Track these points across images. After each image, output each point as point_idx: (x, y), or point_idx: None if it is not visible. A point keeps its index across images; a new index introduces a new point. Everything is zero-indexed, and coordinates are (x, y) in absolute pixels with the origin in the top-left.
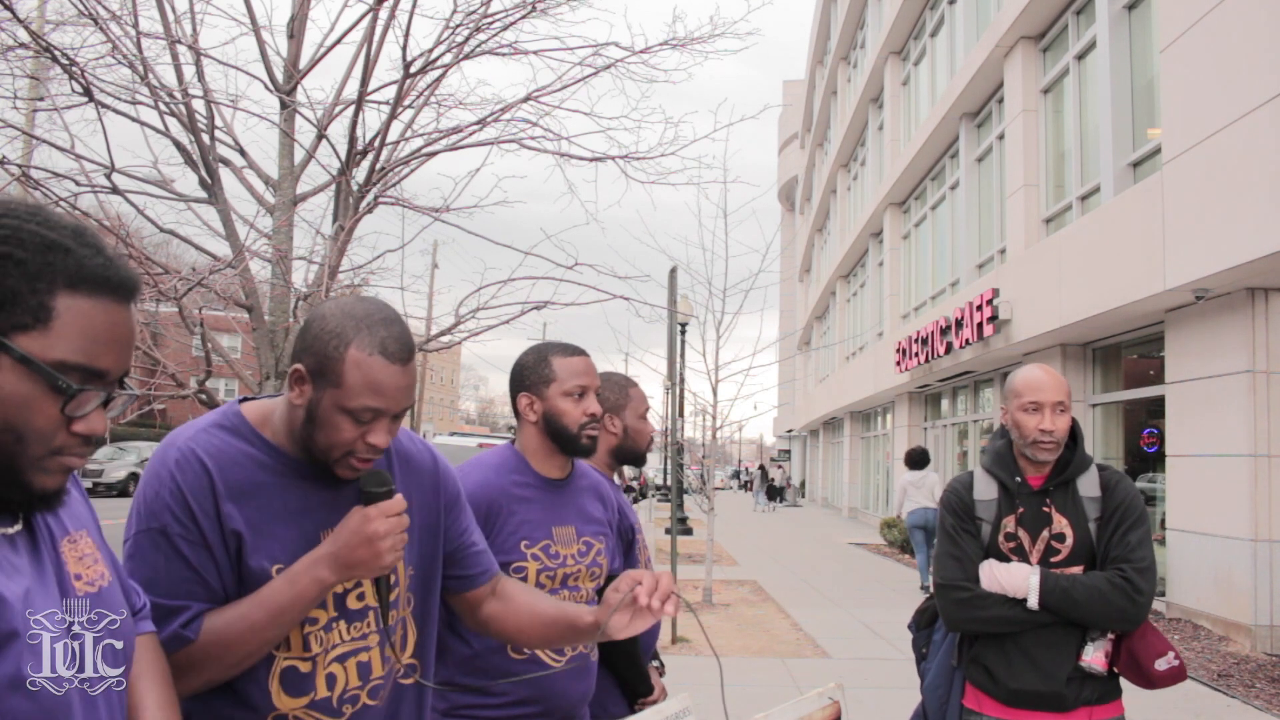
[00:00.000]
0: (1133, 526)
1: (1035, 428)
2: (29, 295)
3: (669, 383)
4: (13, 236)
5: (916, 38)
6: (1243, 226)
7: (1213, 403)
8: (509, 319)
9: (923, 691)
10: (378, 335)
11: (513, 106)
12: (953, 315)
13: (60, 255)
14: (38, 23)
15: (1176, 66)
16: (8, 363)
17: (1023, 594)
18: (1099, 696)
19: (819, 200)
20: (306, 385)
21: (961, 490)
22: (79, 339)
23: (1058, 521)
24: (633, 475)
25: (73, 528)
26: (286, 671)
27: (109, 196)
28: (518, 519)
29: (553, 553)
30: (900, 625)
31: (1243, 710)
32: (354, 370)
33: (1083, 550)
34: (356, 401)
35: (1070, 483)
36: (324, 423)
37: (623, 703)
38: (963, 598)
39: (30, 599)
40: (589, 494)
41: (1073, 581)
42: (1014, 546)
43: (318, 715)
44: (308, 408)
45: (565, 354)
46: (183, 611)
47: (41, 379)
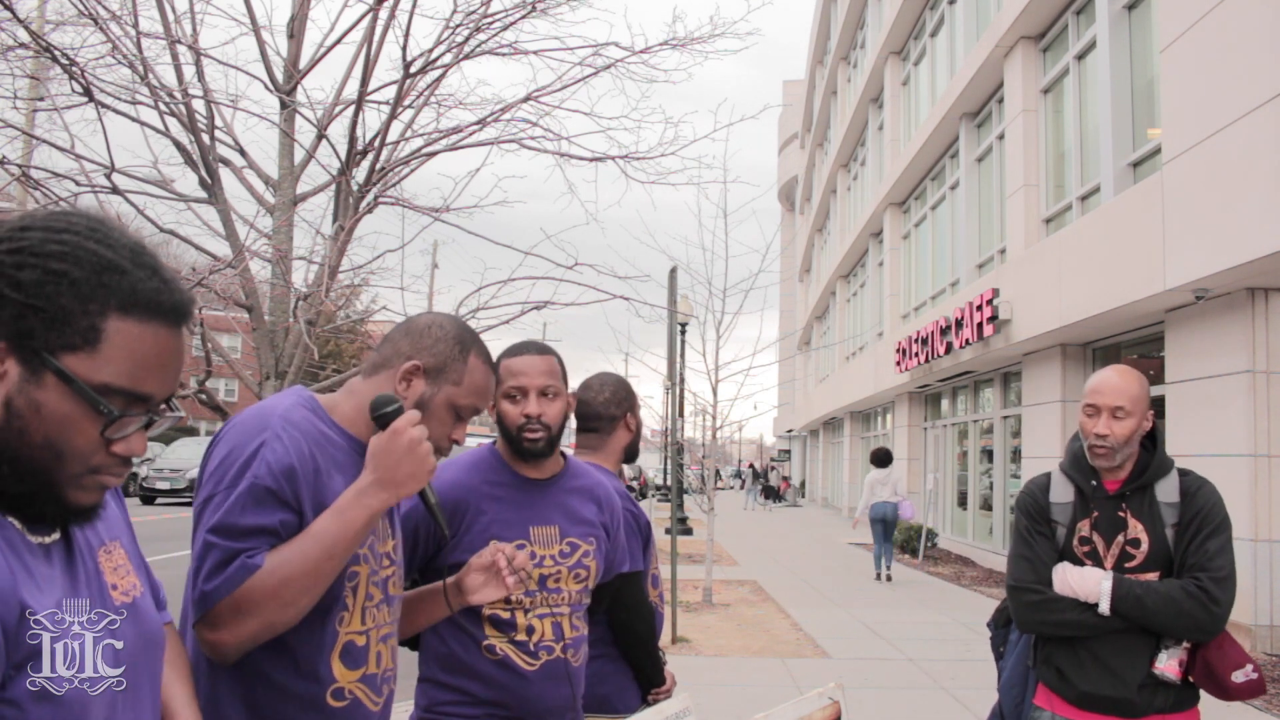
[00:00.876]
0: (1212, 534)
1: (1091, 431)
2: (80, 316)
3: (669, 383)
4: (70, 254)
5: (916, 38)
6: (1243, 226)
7: (1213, 403)
8: (509, 319)
9: (999, 690)
10: (485, 350)
11: (513, 106)
12: (953, 315)
13: (115, 277)
14: (38, 23)
15: (1176, 66)
16: (52, 381)
17: (1095, 599)
18: (1173, 705)
19: (819, 200)
20: (420, 381)
21: (1037, 492)
22: (125, 363)
23: (1133, 527)
24: (632, 475)
25: (107, 538)
26: (348, 645)
27: (109, 196)
28: (488, 518)
29: (528, 553)
30: (900, 625)
31: (1243, 710)
32: (474, 374)
33: (1158, 556)
34: (468, 400)
35: (1148, 488)
36: (433, 416)
37: (637, 695)
38: (1034, 600)
39: (62, 607)
40: (582, 495)
41: (1147, 589)
42: (1088, 551)
43: (366, 689)
44: (418, 402)
45: (509, 355)
46: (252, 551)
47: (85, 401)
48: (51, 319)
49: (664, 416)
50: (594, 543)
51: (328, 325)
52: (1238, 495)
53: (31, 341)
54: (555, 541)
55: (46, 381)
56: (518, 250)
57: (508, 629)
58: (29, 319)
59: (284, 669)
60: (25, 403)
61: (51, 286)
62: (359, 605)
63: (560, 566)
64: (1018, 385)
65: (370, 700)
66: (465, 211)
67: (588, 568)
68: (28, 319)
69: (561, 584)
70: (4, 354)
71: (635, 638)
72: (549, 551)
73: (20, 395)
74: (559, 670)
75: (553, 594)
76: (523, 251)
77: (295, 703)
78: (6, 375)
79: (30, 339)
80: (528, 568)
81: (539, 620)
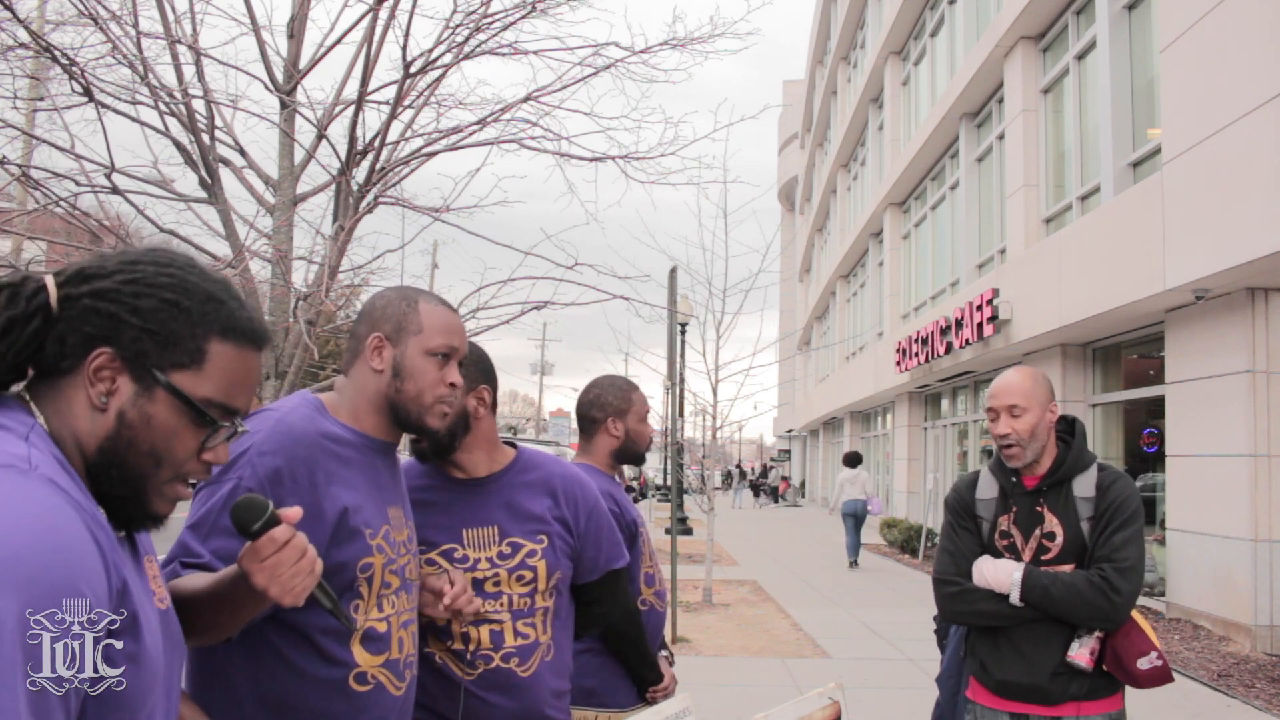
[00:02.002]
0: (1120, 527)
1: (996, 433)
2: (189, 339)
3: (669, 383)
4: (180, 285)
5: (916, 38)
6: (1242, 226)
7: (1213, 403)
8: (509, 319)
9: (936, 681)
10: (430, 295)
11: (513, 106)
12: (953, 315)
13: (216, 306)
14: (38, 23)
15: (1176, 66)
16: (162, 396)
17: (1006, 589)
18: (1087, 692)
19: (819, 200)
20: (388, 347)
21: (963, 489)
22: (222, 381)
23: (1049, 521)
24: (633, 475)
25: (148, 550)
26: (369, 631)
27: (109, 196)
28: (417, 522)
29: (458, 556)
30: (900, 625)
31: (1243, 710)
32: (430, 316)
33: (1073, 549)
34: (437, 340)
35: (1065, 483)
36: (412, 371)
37: (632, 692)
38: (953, 591)
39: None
40: (533, 489)
41: (1053, 579)
42: (1008, 544)
43: (389, 674)
44: (394, 365)
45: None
46: (190, 560)
47: (191, 413)
48: (164, 341)
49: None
50: (543, 540)
51: (328, 325)
52: (1237, 495)
53: (146, 361)
54: (493, 543)
55: (157, 396)
56: (518, 250)
57: (444, 637)
58: (144, 341)
59: (306, 655)
60: (137, 415)
61: (165, 313)
62: (374, 594)
63: (498, 569)
64: None
65: (393, 685)
66: (465, 211)
67: (533, 568)
68: (143, 341)
69: (501, 587)
70: (118, 371)
71: (620, 636)
72: (485, 554)
73: (133, 408)
74: (500, 680)
75: (493, 599)
76: (523, 251)
77: (317, 688)
78: (119, 390)
79: (145, 359)
80: (470, 610)
81: (474, 628)
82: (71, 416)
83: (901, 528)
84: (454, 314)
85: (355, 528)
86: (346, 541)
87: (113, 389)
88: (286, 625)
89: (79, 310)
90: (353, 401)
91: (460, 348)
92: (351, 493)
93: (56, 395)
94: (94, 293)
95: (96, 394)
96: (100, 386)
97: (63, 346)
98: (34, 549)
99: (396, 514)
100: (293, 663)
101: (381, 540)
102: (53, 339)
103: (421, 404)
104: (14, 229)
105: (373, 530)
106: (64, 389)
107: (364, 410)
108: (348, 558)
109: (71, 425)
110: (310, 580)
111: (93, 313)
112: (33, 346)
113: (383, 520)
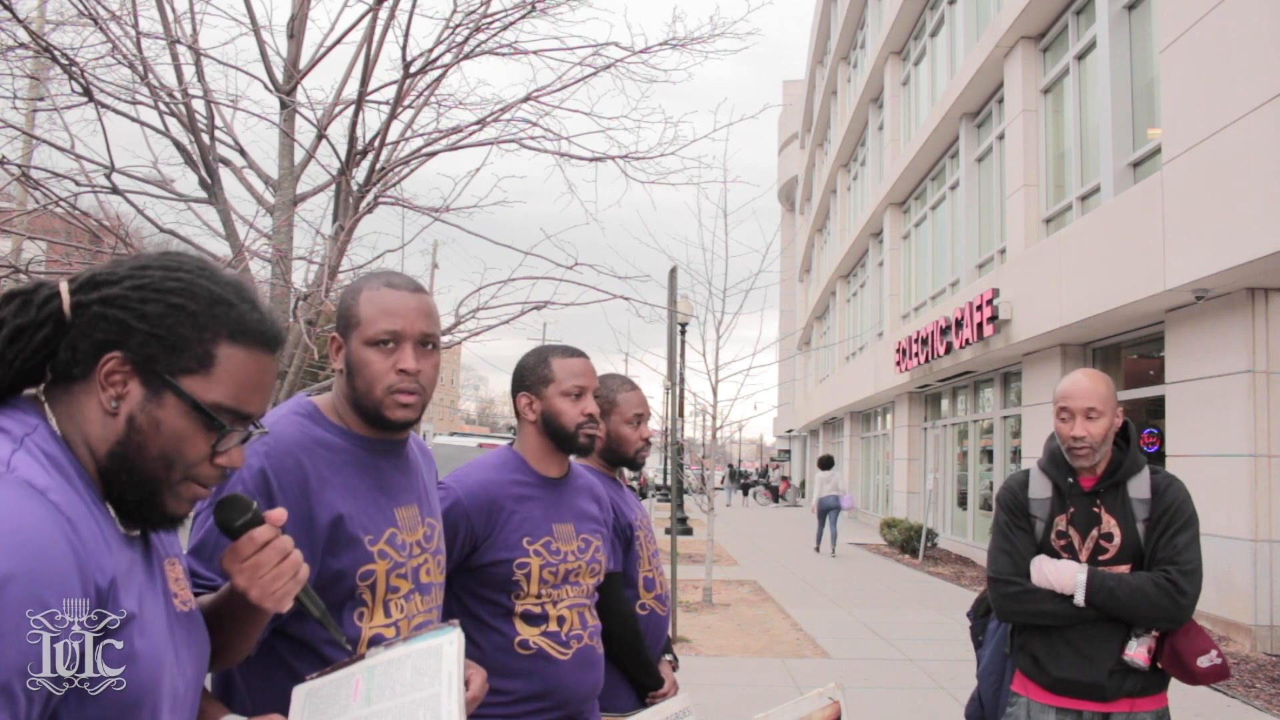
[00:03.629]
0: (1181, 529)
1: (1068, 434)
2: (196, 344)
3: (669, 383)
4: (187, 290)
5: (916, 38)
6: (1242, 226)
7: (1213, 403)
8: (509, 319)
9: (978, 676)
10: (383, 277)
11: (513, 106)
12: (953, 315)
13: (225, 309)
14: (38, 23)
15: (1176, 66)
16: (172, 400)
17: (1070, 590)
18: (1141, 689)
19: (819, 200)
20: (340, 347)
21: (1016, 488)
22: (233, 384)
23: (1106, 522)
24: (633, 476)
25: (172, 552)
26: (375, 638)
27: (109, 196)
28: (519, 517)
29: (554, 549)
30: (900, 625)
31: (1243, 710)
32: (367, 305)
33: (1130, 550)
34: (375, 328)
35: (1121, 484)
36: (359, 365)
37: (631, 696)
38: (1013, 591)
39: (142, 595)
40: (584, 494)
41: (1119, 581)
42: (1065, 544)
43: None
44: (346, 363)
45: (564, 355)
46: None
47: (200, 417)
48: (172, 346)
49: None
50: (600, 538)
51: (327, 325)
52: (1238, 495)
53: (154, 365)
54: (573, 538)
55: (166, 400)
56: (518, 250)
57: (539, 622)
58: (152, 346)
59: (313, 668)
60: (146, 420)
61: (172, 318)
62: (379, 600)
63: (580, 561)
64: (1018, 385)
65: None
66: (465, 211)
67: (600, 562)
68: (151, 346)
69: (581, 579)
70: (128, 376)
71: (615, 640)
72: (570, 547)
73: (142, 413)
74: (590, 657)
75: (575, 588)
76: (523, 251)
77: None
78: (129, 395)
79: (154, 363)
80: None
81: (568, 611)
82: (84, 420)
83: (901, 528)
84: (403, 293)
85: (352, 534)
86: (343, 549)
87: (123, 394)
88: (294, 639)
89: (90, 316)
90: (338, 405)
91: (404, 330)
92: (348, 498)
93: (71, 400)
94: (104, 299)
95: (107, 399)
96: (111, 391)
97: (75, 352)
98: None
99: (407, 515)
100: (302, 676)
101: (385, 545)
102: (66, 345)
103: (373, 398)
104: (14, 229)
105: (373, 536)
106: (78, 394)
107: (346, 412)
108: (346, 565)
109: (84, 429)
110: (293, 585)
111: (102, 319)
112: (43, 353)
113: (386, 524)
